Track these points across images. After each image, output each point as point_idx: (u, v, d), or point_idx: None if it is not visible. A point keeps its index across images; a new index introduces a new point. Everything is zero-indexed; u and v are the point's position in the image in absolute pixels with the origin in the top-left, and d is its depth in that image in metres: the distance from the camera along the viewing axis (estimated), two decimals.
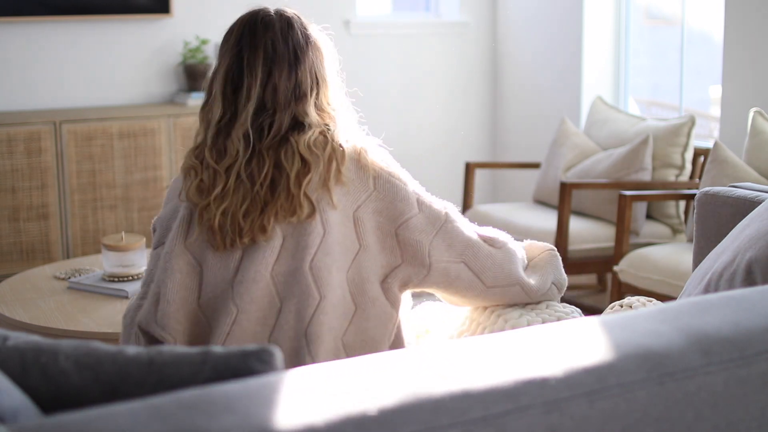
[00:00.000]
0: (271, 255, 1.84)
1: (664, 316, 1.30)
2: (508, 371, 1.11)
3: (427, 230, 1.89)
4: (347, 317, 1.84)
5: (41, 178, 4.55)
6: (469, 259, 1.92)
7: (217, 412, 0.97)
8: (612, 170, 4.33)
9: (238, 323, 1.82)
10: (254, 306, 1.82)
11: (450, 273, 1.91)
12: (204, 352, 1.10)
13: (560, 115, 5.08)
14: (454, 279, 1.92)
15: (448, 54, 5.72)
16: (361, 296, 1.85)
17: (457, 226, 1.94)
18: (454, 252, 1.91)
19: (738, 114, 4.20)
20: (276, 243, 1.84)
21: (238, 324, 1.82)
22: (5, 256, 4.53)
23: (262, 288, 1.83)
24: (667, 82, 5.42)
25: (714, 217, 2.29)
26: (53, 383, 1.07)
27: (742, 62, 4.21)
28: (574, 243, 4.18)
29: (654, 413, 1.14)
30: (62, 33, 4.91)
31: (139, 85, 5.10)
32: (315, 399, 1.02)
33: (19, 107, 4.88)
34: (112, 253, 3.03)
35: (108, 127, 4.66)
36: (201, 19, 5.16)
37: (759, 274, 1.77)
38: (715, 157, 3.70)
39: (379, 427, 0.99)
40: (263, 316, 1.83)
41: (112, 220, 4.70)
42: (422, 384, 1.06)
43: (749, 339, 1.25)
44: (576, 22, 5.16)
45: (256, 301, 1.82)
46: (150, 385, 1.06)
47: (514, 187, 5.69)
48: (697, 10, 5.01)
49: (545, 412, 1.07)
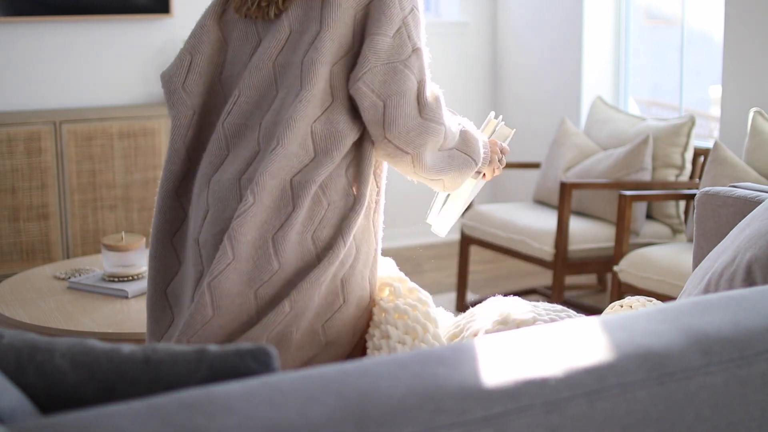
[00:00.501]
0: (276, 46, 1.98)
1: (664, 316, 1.29)
2: (508, 371, 1.11)
3: (380, 55, 1.92)
4: (323, 108, 1.94)
5: (41, 178, 4.55)
6: (389, 105, 1.94)
7: (217, 412, 0.97)
8: (612, 170, 4.33)
9: (238, 104, 2.00)
10: (254, 91, 2.00)
11: (364, 102, 1.93)
12: (200, 351, 1.10)
13: (560, 115, 5.08)
14: (365, 109, 1.94)
15: (448, 54, 5.72)
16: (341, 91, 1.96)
17: (411, 77, 1.95)
18: (384, 89, 1.93)
19: (738, 114, 4.20)
20: (282, 35, 1.98)
21: (238, 105, 2.00)
22: (5, 256, 4.53)
23: (264, 76, 1.99)
24: (667, 82, 5.42)
25: (714, 217, 2.29)
26: (49, 381, 1.07)
27: (742, 62, 4.21)
28: (574, 243, 4.18)
29: (654, 413, 1.14)
30: (62, 33, 4.91)
31: (139, 85, 5.10)
32: (315, 399, 1.02)
33: (19, 107, 4.88)
34: (112, 253, 3.03)
35: (108, 127, 4.66)
36: None
37: (759, 274, 1.77)
38: (715, 157, 3.70)
39: (380, 426, 0.99)
40: (259, 101, 2.00)
41: (112, 220, 4.70)
42: (422, 384, 1.06)
43: (749, 339, 1.24)
44: (576, 22, 5.16)
45: (256, 87, 2.00)
46: (146, 383, 1.06)
47: (514, 187, 5.69)
48: (697, 10, 5.01)
49: (545, 412, 1.07)
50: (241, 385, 1.03)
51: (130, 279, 3.03)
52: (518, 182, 5.62)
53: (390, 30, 1.95)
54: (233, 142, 2.01)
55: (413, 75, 1.96)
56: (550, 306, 2.05)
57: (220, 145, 2.02)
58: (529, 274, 5.06)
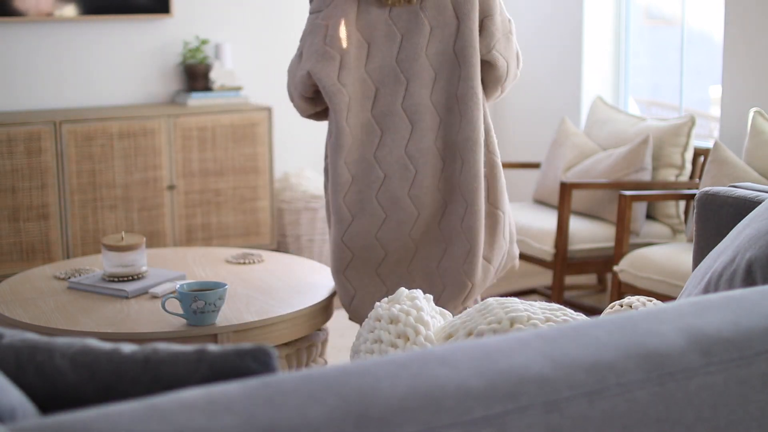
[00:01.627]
0: (423, 40, 2.90)
1: (664, 316, 1.29)
2: (508, 371, 1.10)
3: (499, 28, 2.94)
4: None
5: (41, 178, 4.55)
6: (511, 65, 3.00)
7: (217, 412, 0.96)
8: (612, 170, 4.33)
9: (409, 90, 2.92)
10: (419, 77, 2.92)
11: (498, 63, 2.94)
12: (200, 351, 1.09)
13: (560, 115, 5.08)
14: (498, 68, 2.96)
15: None
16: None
17: (514, 42, 3.02)
18: (507, 53, 2.97)
19: (738, 114, 4.20)
20: (426, 30, 2.90)
21: (409, 91, 2.93)
22: (5, 256, 4.53)
23: (421, 64, 2.91)
24: (667, 82, 5.42)
25: (714, 217, 2.29)
26: (49, 381, 1.07)
27: (742, 62, 4.21)
28: (574, 243, 4.18)
29: (654, 413, 1.14)
30: (62, 33, 4.91)
31: (139, 85, 5.10)
32: (315, 399, 1.02)
33: (19, 107, 4.88)
34: (112, 253, 3.03)
35: (108, 127, 4.66)
36: (201, 19, 5.16)
37: (759, 274, 1.77)
38: (715, 157, 3.70)
39: (380, 426, 0.99)
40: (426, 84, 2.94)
41: (112, 220, 4.70)
42: (422, 384, 1.06)
43: (749, 339, 1.24)
44: (576, 22, 5.16)
45: (419, 74, 2.92)
46: (146, 383, 1.06)
47: (514, 187, 5.69)
48: (697, 10, 5.01)
49: (545, 412, 1.07)
50: (241, 385, 1.03)
51: (130, 279, 3.03)
52: (518, 182, 5.62)
53: (497, 9, 2.94)
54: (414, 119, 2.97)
55: (515, 40, 3.02)
56: (546, 305, 2.05)
57: (404, 122, 2.95)
58: (529, 274, 5.06)
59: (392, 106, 2.93)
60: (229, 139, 4.89)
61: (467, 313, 2.13)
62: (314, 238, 5.12)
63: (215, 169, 4.88)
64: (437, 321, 2.19)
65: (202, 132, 4.83)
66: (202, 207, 4.88)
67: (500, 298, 2.11)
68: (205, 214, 4.89)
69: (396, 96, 2.94)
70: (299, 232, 5.11)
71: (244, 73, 5.26)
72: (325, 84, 2.91)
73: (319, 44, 2.90)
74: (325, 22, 2.91)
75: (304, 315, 2.90)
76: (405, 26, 2.90)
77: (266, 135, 4.96)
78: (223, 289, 2.68)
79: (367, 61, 2.92)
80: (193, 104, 4.93)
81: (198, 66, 5.00)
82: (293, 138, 5.43)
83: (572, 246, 4.18)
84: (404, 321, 2.05)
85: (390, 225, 3.01)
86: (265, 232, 5.03)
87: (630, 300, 2.11)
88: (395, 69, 2.93)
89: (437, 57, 2.91)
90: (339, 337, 4.02)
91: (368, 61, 2.91)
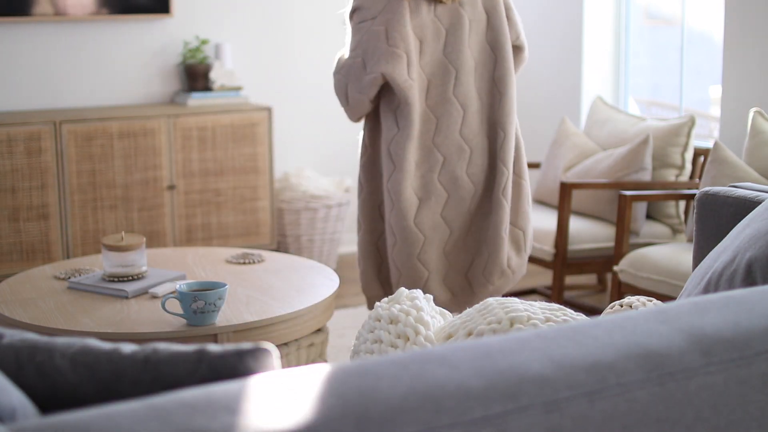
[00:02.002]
0: (464, 33, 3.31)
1: (664, 316, 1.29)
2: (508, 371, 1.10)
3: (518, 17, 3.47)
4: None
5: (41, 178, 4.55)
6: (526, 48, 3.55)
7: (217, 412, 0.96)
8: (612, 170, 4.33)
9: (458, 79, 3.32)
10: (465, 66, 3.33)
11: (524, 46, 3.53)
12: (200, 351, 1.09)
13: (560, 115, 5.08)
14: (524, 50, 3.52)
15: None
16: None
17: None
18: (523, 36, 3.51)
19: (738, 114, 4.20)
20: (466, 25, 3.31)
21: (459, 80, 3.32)
22: (5, 256, 4.53)
23: (465, 54, 3.32)
24: (667, 82, 5.42)
25: (714, 217, 2.29)
26: (49, 381, 1.07)
27: (742, 62, 4.21)
28: (574, 243, 4.18)
29: (654, 413, 1.14)
30: (62, 33, 4.91)
31: (139, 85, 5.10)
32: (315, 398, 1.02)
33: (19, 107, 4.88)
34: (112, 253, 3.03)
35: (108, 127, 4.66)
36: (201, 19, 5.16)
37: (759, 274, 1.77)
38: (715, 157, 3.69)
39: (380, 426, 0.99)
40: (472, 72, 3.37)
41: (112, 220, 4.70)
42: (422, 384, 1.06)
43: (749, 339, 1.24)
44: (576, 22, 5.16)
45: (465, 64, 3.33)
46: (145, 383, 1.06)
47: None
48: (697, 10, 5.01)
49: (545, 412, 1.07)
50: (242, 385, 1.03)
51: (130, 279, 3.03)
52: None
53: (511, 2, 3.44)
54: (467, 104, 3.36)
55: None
56: (546, 305, 2.05)
57: (456, 108, 3.34)
58: (529, 274, 5.06)
59: (445, 94, 3.32)
60: (229, 139, 4.89)
61: (467, 313, 2.13)
62: (314, 238, 5.12)
63: (215, 169, 4.88)
64: (437, 321, 2.19)
65: (202, 132, 4.83)
66: (202, 207, 4.88)
67: (500, 298, 2.11)
68: (205, 214, 4.89)
69: (447, 85, 3.32)
70: (299, 232, 5.11)
71: (244, 73, 5.26)
72: (399, 82, 3.23)
73: (384, 47, 3.23)
74: (383, 27, 3.24)
75: (304, 315, 2.90)
76: (448, 22, 3.31)
77: (266, 135, 4.96)
78: (223, 289, 2.68)
79: (421, 57, 3.29)
80: (193, 104, 4.93)
81: (198, 66, 5.00)
82: (293, 138, 5.43)
83: (572, 246, 4.18)
84: (404, 321, 2.06)
85: (452, 203, 3.38)
86: (265, 232, 5.03)
87: (630, 300, 2.11)
88: (443, 61, 3.32)
89: (476, 47, 3.36)
90: (339, 337, 4.02)
91: (422, 56, 3.29)
